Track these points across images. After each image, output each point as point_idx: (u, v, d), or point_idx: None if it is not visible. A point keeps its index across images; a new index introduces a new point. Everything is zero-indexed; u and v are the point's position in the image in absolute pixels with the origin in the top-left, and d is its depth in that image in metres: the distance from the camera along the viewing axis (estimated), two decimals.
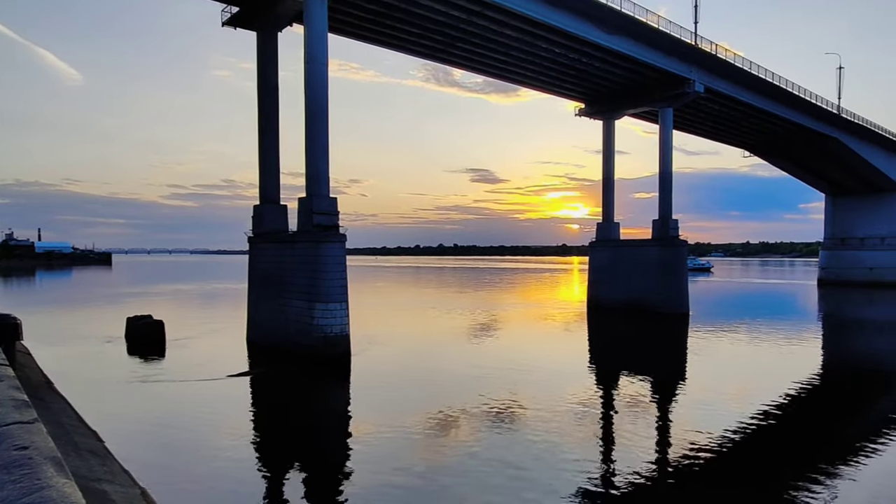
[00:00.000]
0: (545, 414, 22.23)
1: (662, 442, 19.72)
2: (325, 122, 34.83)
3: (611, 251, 62.46)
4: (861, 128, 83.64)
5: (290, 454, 18.11)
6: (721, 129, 78.31)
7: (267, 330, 37.43)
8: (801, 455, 18.70)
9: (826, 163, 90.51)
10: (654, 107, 60.24)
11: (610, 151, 64.27)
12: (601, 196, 65.08)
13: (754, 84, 63.97)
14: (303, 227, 35.35)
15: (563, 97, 62.31)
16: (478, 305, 65.26)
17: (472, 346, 38.66)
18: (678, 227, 59.66)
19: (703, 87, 57.66)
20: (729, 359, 36.30)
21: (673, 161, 60.11)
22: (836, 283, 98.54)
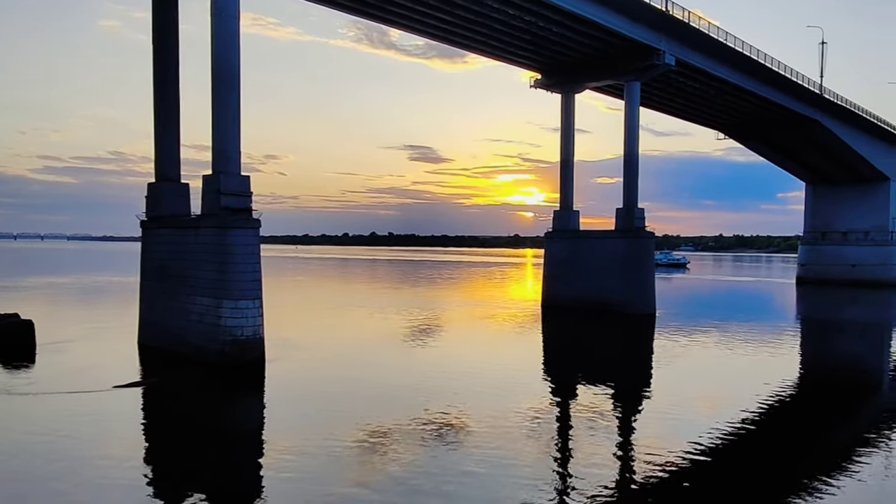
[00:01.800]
0: (493, 429, 22.53)
1: (624, 459, 20.34)
2: (235, 86, 34.26)
3: (569, 243, 63.84)
4: (845, 110, 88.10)
5: (189, 483, 17.77)
6: (693, 108, 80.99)
7: (163, 332, 36.68)
8: (774, 470, 19.69)
9: (807, 148, 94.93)
10: (619, 80, 61.75)
11: (569, 129, 65.59)
12: (559, 180, 66.33)
13: (731, 58, 66.40)
14: (208, 211, 34.74)
15: (516, 66, 63.12)
16: (416, 304, 65.66)
17: (408, 352, 38.90)
18: (644, 217, 61.43)
19: (673, 60, 59.46)
20: (698, 365, 37.83)
21: (640, 142, 61.91)
22: (817, 281, 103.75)
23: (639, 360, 40.12)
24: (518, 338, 47.27)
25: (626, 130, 61.45)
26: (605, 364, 37.96)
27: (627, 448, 21.68)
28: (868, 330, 58.11)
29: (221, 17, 33.89)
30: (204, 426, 23.54)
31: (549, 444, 21.62)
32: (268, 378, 30.96)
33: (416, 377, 31.64)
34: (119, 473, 18.06)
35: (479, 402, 26.35)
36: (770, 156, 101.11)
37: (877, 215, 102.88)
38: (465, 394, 27.89)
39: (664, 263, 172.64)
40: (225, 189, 33.92)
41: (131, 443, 21.05)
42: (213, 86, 34.21)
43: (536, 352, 43.17)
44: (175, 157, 40.13)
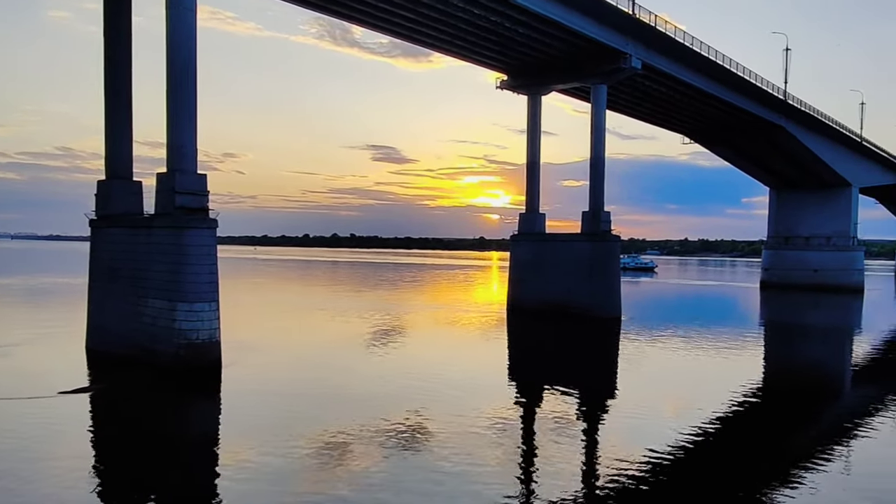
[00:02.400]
0: (456, 433, 22.46)
1: (589, 462, 20.46)
2: (191, 81, 33.66)
3: (535, 246, 64.14)
4: (809, 117, 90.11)
5: (140, 491, 17.35)
6: (659, 112, 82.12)
7: (113, 335, 35.79)
8: (738, 472, 20.08)
9: (771, 153, 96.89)
10: (585, 83, 62.28)
11: (535, 131, 65.96)
12: (525, 182, 66.63)
13: (697, 62, 67.45)
14: (162, 210, 34.07)
15: (483, 66, 63.30)
16: (378, 307, 65.34)
17: (370, 355, 38.64)
18: (610, 221, 62.03)
19: (640, 63, 60.16)
20: (662, 368, 38.32)
21: (606, 145, 62.45)
22: (780, 285, 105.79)
23: (604, 363, 40.46)
24: (483, 341, 47.29)
25: (593, 133, 61.97)
26: (570, 367, 38.16)
27: (592, 451, 21.83)
28: (829, 334, 59.46)
29: (177, 10, 33.28)
30: (156, 432, 22.96)
31: (514, 448, 21.62)
32: (224, 382, 30.49)
33: (377, 381, 31.42)
34: (66, 483, 17.56)
35: (443, 406, 26.27)
36: (735, 161, 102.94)
37: (839, 221, 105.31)
38: (428, 397, 27.79)
39: (632, 267, 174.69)
40: (180, 187, 33.28)
41: (78, 450, 20.44)
42: (168, 80, 33.58)
43: (501, 355, 43.24)
44: (127, 154, 39.24)
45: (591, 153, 62.23)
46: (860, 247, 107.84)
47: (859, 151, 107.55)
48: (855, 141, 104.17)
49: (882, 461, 21.44)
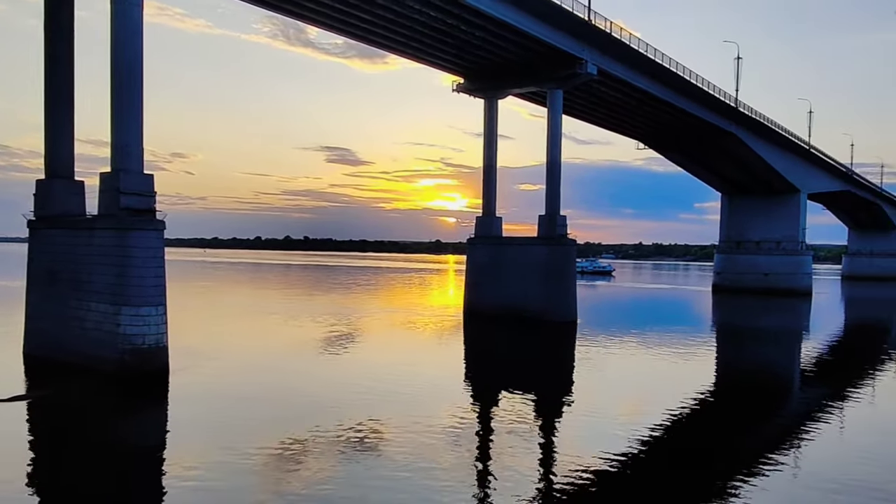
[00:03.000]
0: (413, 440, 22.35)
1: (546, 468, 20.54)
2: (137, 78, 32.86)
3: (492, 250, 64.36)
4: (759, 124, 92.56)
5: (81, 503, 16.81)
6: (614, 117, 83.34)
7: (53, 340, 34.67)
8: (691, 473, 20.49)
9: (723, 160, 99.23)
10: (542, 87, 62.82)
11: (492, 135, 66.22)
12: (482, 186, 66.81)
13: (651, 69, 68.67)
14: (106, 211, 33.16)
15: (439, 69, 63.32)
16: (332, 311, 64.80)
17: (323, 360, 38.29)
18: (567, 225, 62.51)
19: (595, 69, 60.95)
20: (618, 372, 38.85)
21: (562, 150, 63.11)
22: (731, 289, 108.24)
23: (559, 367, 40.80)
24: (438, 345, 47.28)
25: (549, 138, 62.49)
26: (526, 371, 38.34)
27: (549, 454, 22.00)
28: (779, 337, 61.07)
29: (122, 4, 32.48)
30: (99, 442, 22.33)
31: (470, 452, 21.65)
32: (172, 389, 29.81)
33: (331, 386, 31.13)
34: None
35: (398, 411, 26.17)
36: (688, 166, 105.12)
37: (788, 226, 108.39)
38: (383, 403, 27.67)
39: (590, 271, 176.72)
40: (125, 188, 32.47)
41: (13, 461, 19.69)
42: (112, 77, 32.76)
43: (457, 359, 43.20)
44: (68, 153, 38.08)
45: (547, 157, 62.74)
46: (808, 251, 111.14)
47: (807, 159, 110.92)
48: (803, 148, 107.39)
49: (829, 458, 22.08)
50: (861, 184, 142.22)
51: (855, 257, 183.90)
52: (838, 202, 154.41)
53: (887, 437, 25.12)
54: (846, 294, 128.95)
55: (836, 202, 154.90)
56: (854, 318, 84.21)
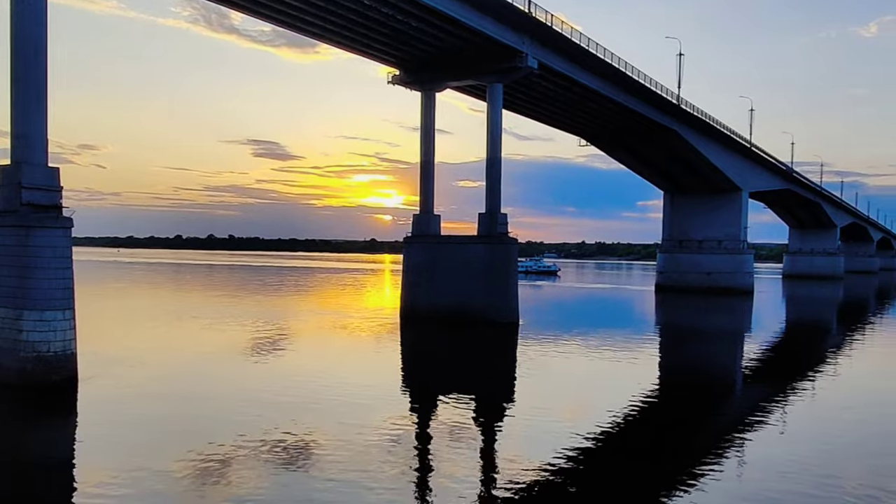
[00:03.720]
0: (347, 447, 21.91)
1: (488, 473, 20.49)
2: (40, 63, 31.34)
3: (430, 249, 64.00)
4: (701, 122, 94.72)
5: None
6: (556, 113, 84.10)
7: None
8: (636, 475, 20.75)
9: (665, 157, 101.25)
10: (481, 81, 62.80)
11: (429, 129, 65.85)
12: (419, 182, 66.49)
13: (593, 64, 69.42)
14: (7, 207, 31.54)
15: (373, 60, 62.63)
16: (260, 314, 63.52)
17: (249, 367, 37.25)
18: (507, 223, 62.61)
19: (536, 63, 61.20)
20: (561, 374, 39.07)
21: (503, 146, 63.14)
22: (675, 288, 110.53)
23: (500, 369, 40.80)
24: (374, 349, 46.79)
25: (489, 133, 62.46)
26: (466, 374, 38.26)
27: (490, 459, 22.08)
28: (722, 336, 62.58)
29: None
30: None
31: (409, 459, 21.49)
32: (81, 400, 28.58)
33: (257, 394, 30.24)
34: None
35: (332, 419, 25.75)
36: (630, 164, 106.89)
37: (730, 225, 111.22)
38: (314, 410, 27.20)
39: (534, 271, 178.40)
40: (28, 182, 31.04)
41: None
42: (12, 62, 31.24)
43: (394, 363, 42.88)
44: None
45: (487, 153, 62.72)
46: (750, 250, 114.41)
47: (749, 157, 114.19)
48: (745, 147, 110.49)
49: (771, 456, 22.46)
50: (801, 182, 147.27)
51: (796, 256, 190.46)
52: (779, 201, 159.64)
53: (826, 435, 25.82)
54: (787, 293, 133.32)
55: (778, 201, 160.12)
56: (795, 317, 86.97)
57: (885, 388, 36.77)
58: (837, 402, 32.65)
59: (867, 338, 61.23)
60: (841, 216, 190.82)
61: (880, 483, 19.71)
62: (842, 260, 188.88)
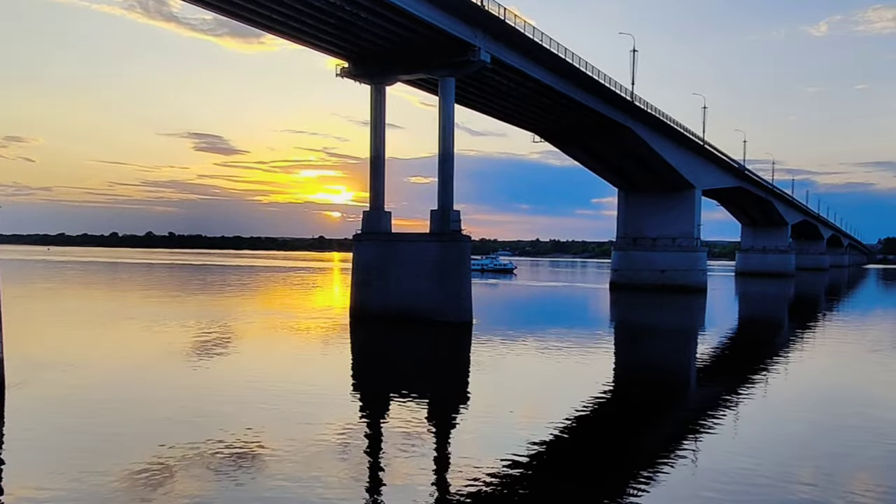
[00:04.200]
0: (297, 453, 21.43)
1: (441, 475, 20.29)
2: None
3: (380, 246, 63.60)
4: (655, 119, 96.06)
5: None
6: (509, 108, 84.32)
7: None
8: (591, 474, 20.94)
9: (619, 154, 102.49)
10: (433, 74, 62.58)
11: (379, 124, 65.39)
12: (369, 178, 66.06)
13: (547, 59, 69.71)
14: None
15: (321, 52, 61.86)
16: (202, 315, 62.12)
17: (191, 371, 36.34)
18: (461, 220, 62.55)
19: (489, 57, 61.18)
20: (516, 374, 39.00)
21: (455, 141, 62.96)
22: (629, 286, 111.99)
23: (453, 370, 40.72)
24: (323, 350, 46.07)
25: (441, 128, 62.23)
26: (419, 375, 38.06)
27: (444, 461, 21.89)
28: (676, 333, 63.66)
29: None
30: None
31: (360, 462, 21.20)
32: (8, 408, 27.06)
33: (201, 397, 29.58)
34: None
35: (279, 424, 25.18)
36: (584, 160, 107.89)
37: (683, 222, 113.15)
38: (262, 413, 26.65)
39: (491, 269, 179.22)
40: None
41: None
42: None
43: (344, 364, 42.28)
44: None
45: (439, 149, 62.44)
46: (703, 248, 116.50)
47: (702, 155, 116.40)
48: (698, 144, 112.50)
49: (726, 454, 22.90)
50: (754, 180, 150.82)
51: (748, 253, 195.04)
52: (732, 199, 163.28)
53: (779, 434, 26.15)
54: (740, 290, 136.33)
55: (730, 199, 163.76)
56: (747, 314, 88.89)
57: (835, 386, 37.56)
58: (789, 401, 33.18)
59: (818, 335, 62.82)
60: (792, 214, 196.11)
61: (832, 482, 20.09)
62: (793, 257, 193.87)
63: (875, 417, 29.20)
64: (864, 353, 49.71)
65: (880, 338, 59.27)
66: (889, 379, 39.76)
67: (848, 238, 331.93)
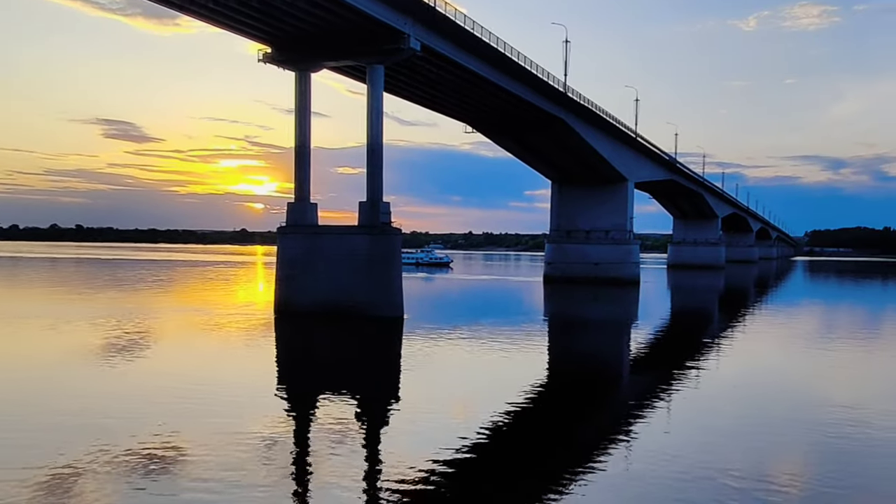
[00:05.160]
0: (220, 457, 20.87)
1: (372, 475, 20.13)
2: None
3: (306, 240, 62.62)
4: (587, 111, 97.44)
5: None
6: (440, 98, 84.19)
7: None
8: (527, 469, 21.12)
9: (552, 146, 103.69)
10: (361, 62, 61.87)
11: (305, 112, 64.37)
12: (293, 168, 65.06)
13: (479, 49, 69.75)
14: None
15: (242, 36, 60.42)
16: (113, 313, 59.60)
17: (103, 372, 35.04)
18: (390, 212, 62.19)
19: (419, 45, 60.84)
20: (448, 370, 39.20)
21: (385, 131, 62.46)
22: (563, 279, 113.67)
23: (384, 367, 40.56)
24: (246, 348, 45.23)
25: (370, 117, 61.62)
26: (347, 373, 37.70)
27: (374, 461, 21.78)
28: (609, 326, 64.86)
29: None
30: None
31: (288, 464, 20.89)
32: None
33: (114, 401, 28.58)
34: None
35: (201, 426, 24.53)
36: (517, 152, 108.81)
37: (616, 215, 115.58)
38: (182, 417, 25.91)
39: (426, 263, 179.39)
40: None
41: None
42: None
43: (269, 363, 41.64)
44: None
45: (367, 138, 61.83)
46: (636, 240, 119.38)
47: (635, 147, 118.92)
48: (631, 137, 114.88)
49: (657, 447, 23.23)
50: (685, 173, 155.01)
51: (680, 246, 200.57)
52: (664, 191, 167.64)
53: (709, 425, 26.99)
54: (672, 282, 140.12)
55: (662, 191, 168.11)
56: (679, 307, 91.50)
57: (763, 376, 38.93)
58: (720, 391, 34.35)
59: (747, 326, 65.00)
60: (722, 207, 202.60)
61: (760, 470, 20.81)
62: (723, 250, 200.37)
63: (800, 405, 30.61)
64: (791, 344, 51.82)
65: (806, 329, 61.89)
66: (814, 368, 41.51)
67: (776, 231, 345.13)
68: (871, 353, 48.23)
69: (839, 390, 34.44)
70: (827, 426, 26.26)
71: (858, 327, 64.94)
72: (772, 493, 18.67)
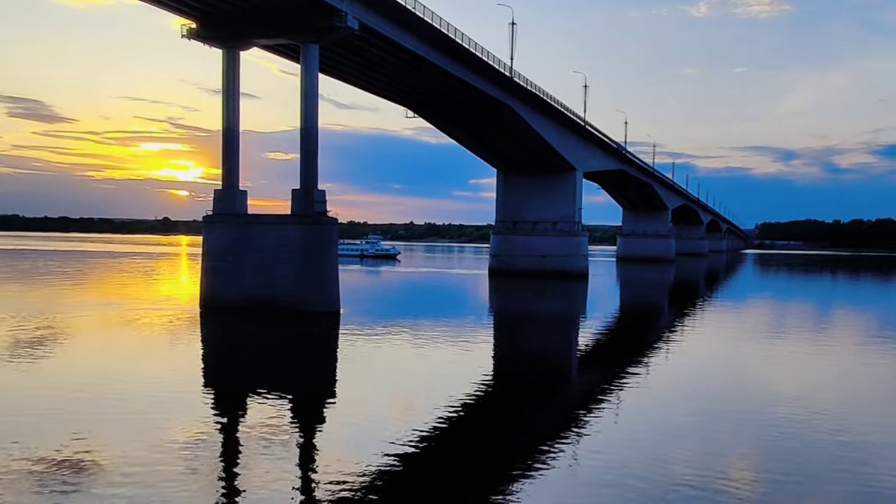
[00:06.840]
0: (140, 462, 20.33)
1: (306, 479, 20.07)
2: None
3: (235, 230, 61.61)
4: (534, 96, 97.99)
5: None
6: (380, 80, 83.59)
7: None
8: (472, 470, 21.20)
9: (497, 133, 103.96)
10: (295, 41, 61.00)
11: (233, 93, 63.32)
12: (221, 153, 64.06)
13: (420, 28, 69.39)
14: None
15: (165, 10, 58.76)
16: (19, 309, 56.96)
17: (12, 372, 33.73)
18: (326, 201, 61.66)
19: (357, 24, 60.13)
20: (387, 368, 38.99)
21: (320, 114, 61.95)
22: (509, 272, 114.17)
23: (319, 365, 40.43)
24: (170, 346, 44.49)
25: (304, 99, 60.87)
26: (279, 372, 37.24)
27: (309, 464, 21.69)
28: (557, 321, 65.65)
29: None
30: None
31: (215, 470, 20.52)
32: None
33: (27, 403, 27.73)
34: None
35: (120, 430, 23.84)
36: (462, 139, 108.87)
37: (564, 206, 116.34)
38: (98, 419, 25.35)
39: (371, 255, 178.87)
40: None
41: None
42: None
43: (194, 362, 40.72)
44: None
45: (301, 122, 61.06)
46: (585, 232, 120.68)
47: (583, 136, 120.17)
48: (579, 125, 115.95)
49: (606, 445, 23.61)
50: (635, 163, 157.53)
51: (629, 238, 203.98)
52: (613, 182, 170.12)
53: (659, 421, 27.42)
54: (621, 276, 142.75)
55: (612, 182, 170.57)
56: (629, 301, 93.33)
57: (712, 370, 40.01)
58: (669, 387, 34.90)
59: (697, 321, 66.50)
60: (672, 198, 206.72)
61: (709, 465, 21.38)
62: (674, 242, 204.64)
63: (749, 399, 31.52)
64: (739, 338, 53.19)
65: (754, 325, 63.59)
66: (761, 364, 42.58)
67: (727, 223, 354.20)
68: (815, 346, 50.22)
69: (786, 383, 35.61)
70: (775, 419, 27.17)
71: (805, 322, 67.17)
72: (720, 487, 19.19)
